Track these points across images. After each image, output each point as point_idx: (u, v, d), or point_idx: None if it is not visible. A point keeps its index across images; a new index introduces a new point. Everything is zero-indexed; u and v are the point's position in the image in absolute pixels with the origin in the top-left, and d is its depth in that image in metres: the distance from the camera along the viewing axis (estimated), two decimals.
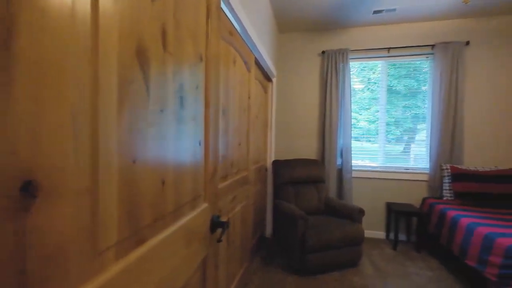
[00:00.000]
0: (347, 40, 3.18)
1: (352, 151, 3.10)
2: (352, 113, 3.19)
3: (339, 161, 3.13)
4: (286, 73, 3.35)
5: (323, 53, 3.17)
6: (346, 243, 2.26)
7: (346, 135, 3.06)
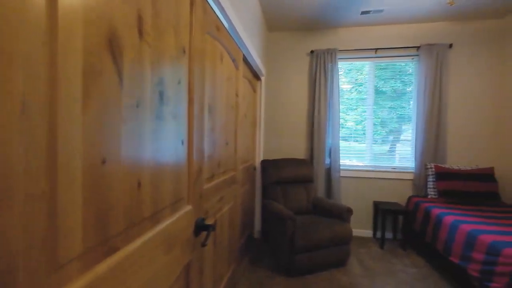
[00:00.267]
0: (335, 40, 3.19)
1: (340, 151, 3.12)
2: (340, 113, 3.21)
3: (327, 160, 3.13)
4: (275, 72, 3.32)
5: (311, 52, 3.17)
6: (334, 243, 2.26)
7: (334, 134, 3.07)
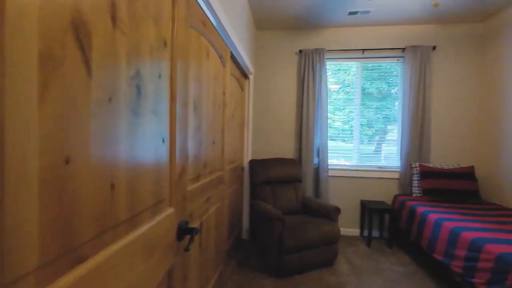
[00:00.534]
0: (323, 40, 3.20)
1: (328, 151, 3.13)
2: (328, 113, 3.22)
3: (315, 160, 3.14)
4: (263, 71, 3.29)
5: (300, 52, 3.16)
6: (323, 242, 2.25)
7: (322, 134, 3.08)
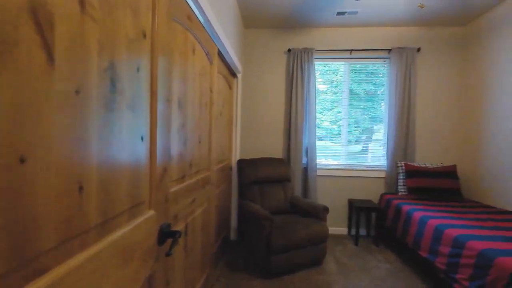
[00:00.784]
0: (312, 40, 3.20)
1: (316, 150, 3.14)
2: (317, 113, 3.23)
3: (304, 160, 3.14)
4: (252, 69, 3.26)
5: (289, 51, 3.15)
6: (311, 242, 2.25)
7: (311, 134, 3.08)
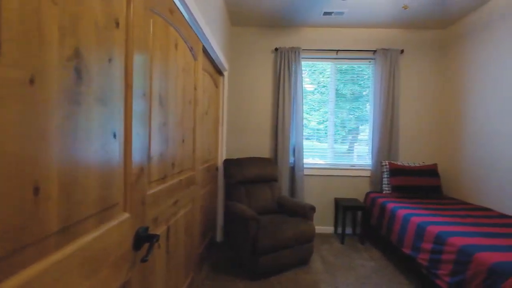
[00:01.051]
0: (299, 39, 3.20)
1: (303, 150, 3.14)
2: (304, 114, 3.24)
3: (291, 159, 3.13)
4: (238, 67, 3.22)
5: (276, 50, 3.13)
6: (298, 242, 2.24)
7: (298, 134, 3.08)
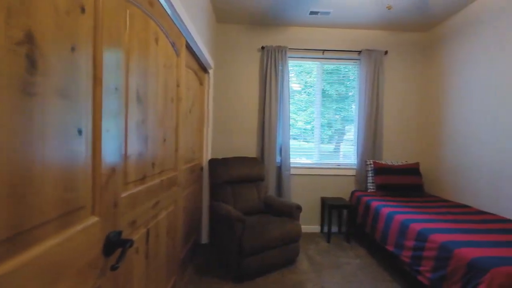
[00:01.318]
0: (286, 38, 3.19)
1: (290, 149, 3.13)
2: (291, 114, 3.24)
3: (278, 159, 3.12)
4: (224, 65, 3.16)
5: (262, 48, 3.11)
6: (284, 242, 2.22)
7: (285, 133, 3.06)
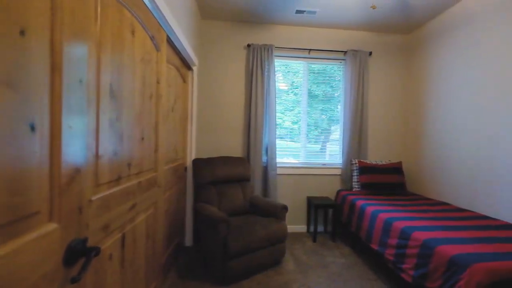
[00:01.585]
0: (272, 37, 3.16)
1: (276, 149, 3.10)
2: (278, 113, 3.22)
3: (264, 158, 3.08)
4: (209, 63, 3.09)
5: (248, 46, 3.06)
6: (270, 242, 2.18)
7: (271, 133, 3.03)
